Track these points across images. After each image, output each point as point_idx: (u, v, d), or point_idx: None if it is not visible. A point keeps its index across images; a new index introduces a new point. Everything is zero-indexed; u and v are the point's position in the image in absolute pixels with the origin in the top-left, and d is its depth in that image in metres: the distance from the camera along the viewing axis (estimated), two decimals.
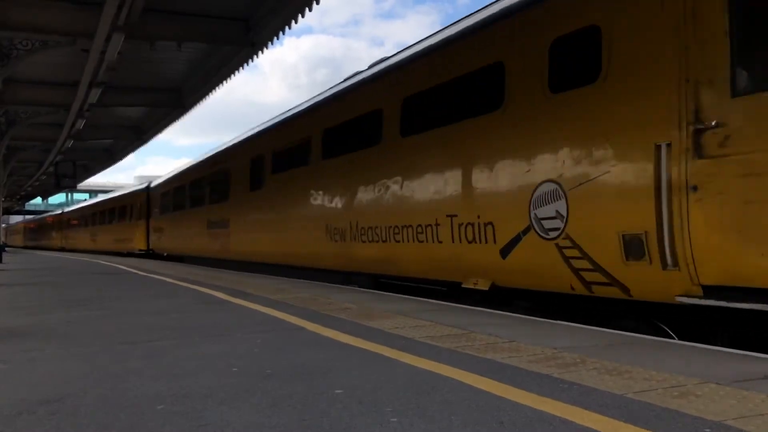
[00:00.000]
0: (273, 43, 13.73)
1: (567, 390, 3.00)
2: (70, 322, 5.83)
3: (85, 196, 59.01)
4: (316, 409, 2.76)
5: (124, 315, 6.29)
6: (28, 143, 25.14)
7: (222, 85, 17.64)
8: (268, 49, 13.95)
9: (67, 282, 11.50)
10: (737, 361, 3.66)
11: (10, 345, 4.58)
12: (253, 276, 12.15)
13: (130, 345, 4.51)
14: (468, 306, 6.54)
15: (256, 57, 14.61)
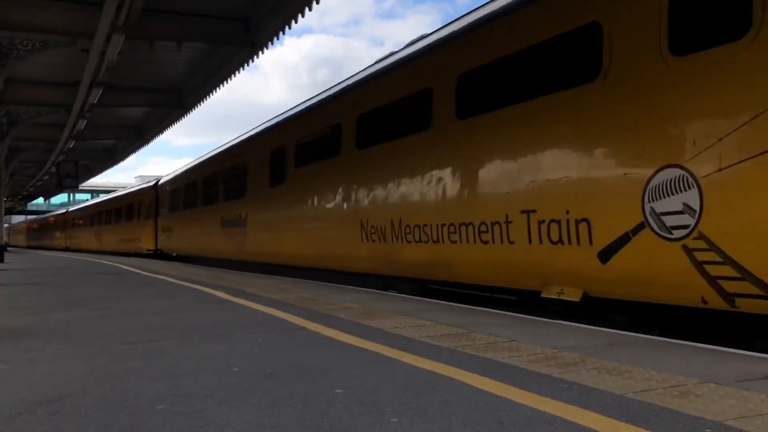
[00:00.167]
0: (273, 43, 13.77)
1: (567, 390, 3.00)
2: (70, 322, 5.83)
3: (87, 196, 59.08)
4: (316, 409, 2.76)
5: (124, 315, 6.29)
6: (30, 143, 25.24)
7: (222, 86, 17.67)
8: (268, 49, 14.00)
9: (68, 282, 11.50)
10: (737, 361, 3.65)
11: (10, 345, 4.58)
12: (255, 276, 12.12)
13: (130, 345, 4.51)
14: (468, 305, 6.53)
15: (256, 57, 14.63)
